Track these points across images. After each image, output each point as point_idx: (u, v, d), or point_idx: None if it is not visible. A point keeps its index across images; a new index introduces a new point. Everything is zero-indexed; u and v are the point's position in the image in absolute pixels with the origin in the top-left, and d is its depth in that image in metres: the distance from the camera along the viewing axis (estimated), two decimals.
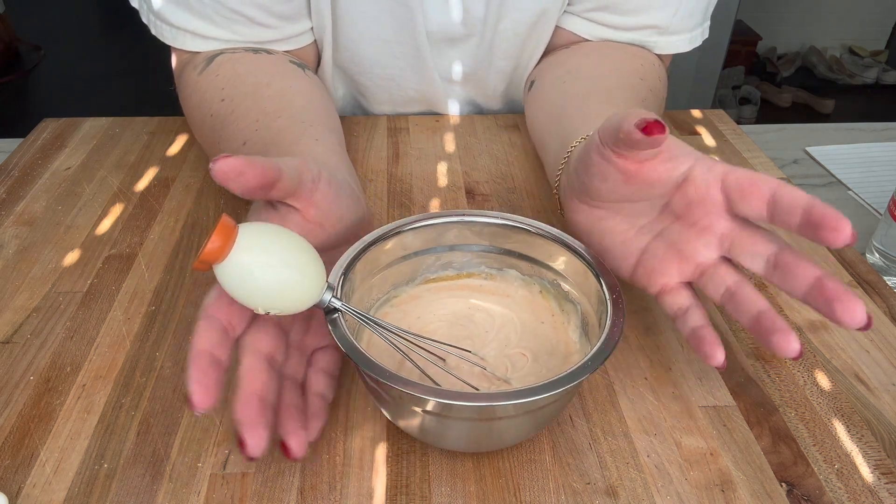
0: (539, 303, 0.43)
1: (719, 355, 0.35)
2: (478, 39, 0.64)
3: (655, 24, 0.61)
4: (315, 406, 0.37)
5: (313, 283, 0.33)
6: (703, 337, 0.36)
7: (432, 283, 0.44)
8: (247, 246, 0.31)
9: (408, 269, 0.43)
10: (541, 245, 0.41)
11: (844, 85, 2.64)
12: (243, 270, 0.31)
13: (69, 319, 0.46)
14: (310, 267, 0.33)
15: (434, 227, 0.42)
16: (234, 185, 0.33)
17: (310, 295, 0.34)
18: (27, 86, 2.58)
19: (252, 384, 0.33)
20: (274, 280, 0.32)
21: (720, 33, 1.73)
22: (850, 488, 0.36)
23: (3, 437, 0.38)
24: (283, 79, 0.56)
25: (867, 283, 0.50)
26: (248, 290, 0.32)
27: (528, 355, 0.40)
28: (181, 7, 0.56)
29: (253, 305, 0.33)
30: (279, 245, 0.33)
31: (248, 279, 0.32)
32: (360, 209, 0.42)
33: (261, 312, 0.33)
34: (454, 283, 0.44)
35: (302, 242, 0.34)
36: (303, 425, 0.34)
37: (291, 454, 0.33)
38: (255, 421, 0.32)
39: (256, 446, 0.31)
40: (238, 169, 0.32)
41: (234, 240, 0.31)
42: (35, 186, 0.60)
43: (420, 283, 0.44)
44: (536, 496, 0.36)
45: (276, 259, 0.32)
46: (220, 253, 0.31)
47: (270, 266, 0.32)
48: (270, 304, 0.33)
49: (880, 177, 0.65)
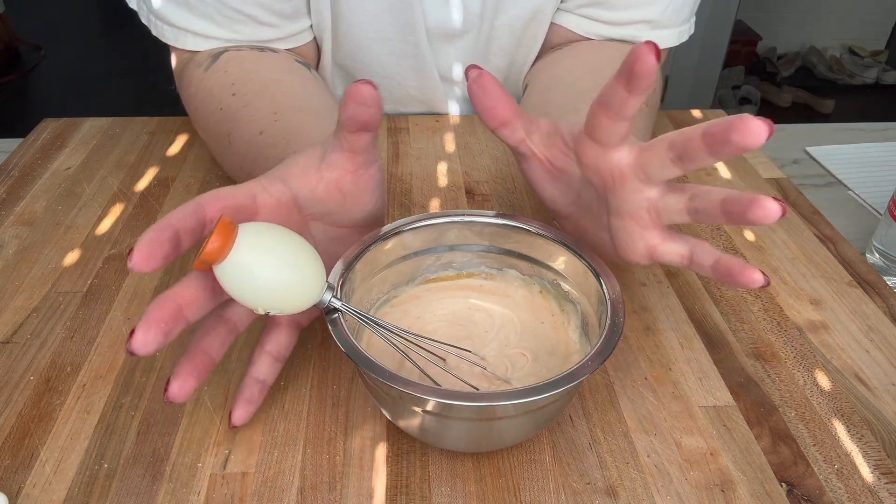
0: (539, 303, 0.43)
1: (756, 275, 0.32)
2: (475, 36, 0.64)
3: (647, 19, 0.62)
4: (250, 391, 0.37)
5: (313, 283, 0.33)
6: (729, 267, 0.33)
7: (432, 283, 0.44)
8: (247, 246, 0.31)
9: (407, 269, 0.43)
10: (541, 245, 0.41)
11: (844, 85, 2.64)
12: (243, 270, 0.31)
13: (69, 319, 0.46)
14: (310, 267, 0.33)
15: (434, 227, 0.42)
16: (358, 112, 0.34)
17: (310, 295, 0.34)
18: (27, 86, 2.58)
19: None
20: (274, 280, 0.32)
21: (720, 33, 1.73)
22: (850, 488, 0.36)
23: (3, 437, 0.38)
24: (293, 76, 0.56)
25: (867, 283, 0.50)
26: (249, 290, 0.32)
27: (528, 355, 0.40)
28: (182, 7, 0.56)
29: (253, 305, 0.33)
30: (279, 245, 0.33)
31: (248, 279, 0.32)
32: (381, 206, 0.42)
33: (261, 312, 0.33)
34: (454, 283, 0.44)
35: (302, 242, 0.34)
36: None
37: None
38: (162, 322, 0.31)
39: (143, 343, 0.30)
40: (374, 99, 0.34)
41: (233, 240, 0.31)
42: (35, 186, 0.60)
43: (420, 283, 0.44)
44: (536, 496, 0.36)
45: (276, 259, 0.32)
46: (219, 253, 0.31)
47: (270, 266, 0.32)
48: (271, 304, 0.33)
49: (880, 177, 0.65)
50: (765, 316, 0.47)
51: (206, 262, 0.31)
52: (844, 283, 0.50)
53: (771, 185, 0.61)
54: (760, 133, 0.28)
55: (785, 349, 0.45)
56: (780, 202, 0.30)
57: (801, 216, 0.57)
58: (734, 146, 0.29)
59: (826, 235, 0.55)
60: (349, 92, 0.33)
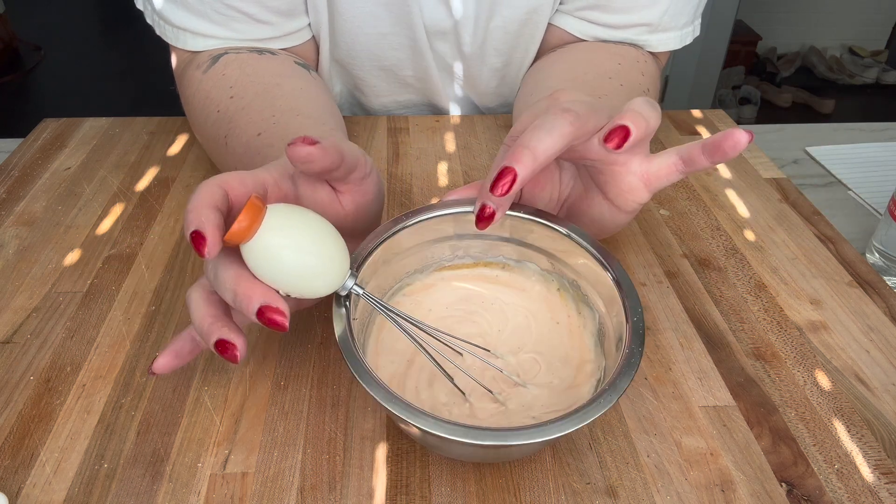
0: (556, 301, 0.42)
1: (740, 136, 0.35)
2: (470, 35, 0.64)
3: (646, 22, 0.61)
4: (181, 344, 0.38)
5: (338, 269, 0.34)
6: (714, 141, 0.36)
7: (447, 272, 0.43)
8: (275, 227, 0.32)
9: (422, 256, 0.42)
10: (565, 246, 0.40)
11: (844, 85, 2.64)
12: (269, 251, 0.32)
13: (69, 319, 0.46)
14: (335, 252, 0.33)
15: (453, 216, 0.40)
16: (304, 168, 0.34)
17: (333, 280, 0.34)
18: (27, 86, 2.58)
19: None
20: (299, 263, 0.32)
21: (720, 33, 1.74)
22: (850, 488, 0.36)
23: (3, 437, 0.38)
24: (292, 79, 0.56)
25: (867, 283, 0.50)
26: (273, 271, 0.32)
27: (540, 361, 0.39)
28: (180, 7, 0.56)
29: (276, 286, 0.33)
30: (307, 229, 0.33)
31: (274, 260, 0.32)
32: (381, 208, 0.43)
33: (282, 294, 0.33)
34: (470, 273, 0.43)
35: (329, 227, 0.34)
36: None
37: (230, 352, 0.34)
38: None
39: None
40: (314, 156, 0.33)
41: (261, 220, 0.31)
42: (35, 186, 0.60)
43: (434, 270, 0.42)
44: (536, 496, 0.36)
45: (302, 241, 0.32)
46: (247, 232, 0.31)
47: (297, 248, 0.32)
48: (293, 286, 0.33)
49: (880, 177, 0.65)
50: (765, 316, 0.47)
51: (231, 241, 0.31)
52: (844, 283, 0.50)
53: (771, 184, 0.62)
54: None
55: (785, 349, 0.45)
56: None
57: (801, 216, 0.57)
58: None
59: (826, 235, 0.55)
60: (289, 154, 0.33)
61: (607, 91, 0.55)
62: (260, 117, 0.50)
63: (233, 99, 0.53)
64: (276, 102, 0.52)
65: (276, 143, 0.47)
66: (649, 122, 0.37)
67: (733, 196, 0.60)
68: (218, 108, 0.54)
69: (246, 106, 0.52)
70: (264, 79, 0.55)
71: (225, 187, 0.33)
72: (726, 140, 0.36)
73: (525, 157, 0.35)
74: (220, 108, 0.54)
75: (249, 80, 0.54)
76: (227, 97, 0.54)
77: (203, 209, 0.31)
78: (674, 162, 0.39)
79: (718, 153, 0.36)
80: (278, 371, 0.42)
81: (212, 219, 0.31)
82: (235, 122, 0.52)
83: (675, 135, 0.69)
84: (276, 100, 0.52)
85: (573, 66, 0.61)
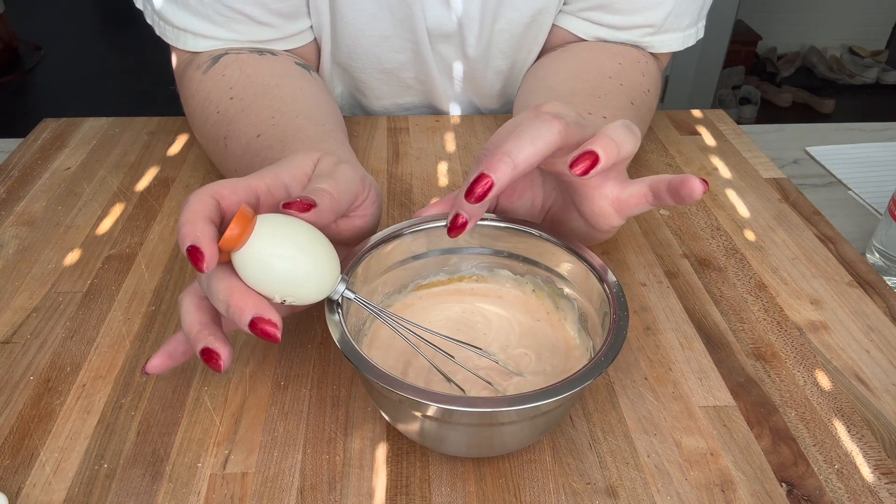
0: (532, 302, 0.43)
1: (695, 185, 0.35)
2: (475, 38, 0.64)
3: (650, 23, 0.61)
4: (175, 346, 0.38)
5: (328, 275, 0.34)
6: (672, 185, 0.36)
7: (424, 290, 0.43)
8: (265, 235, 0.32)
9: (401, 275, 0.42)
10: (535, 244, 0.41)
11: (844, 85, 2.64)
12: (260, 259, 0.32)
13: (69, 319, 0.46)
14: (325, 258, 0.34)
15: (427, 231, 0.41)
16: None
17: (325, 285, 0.34)
18: (27, 86, 2.58)
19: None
20: (290, 269, 0.33)
21: (720, 33, 1.74)
22: (850, 488, 0.36)
23: (3, 437, 0.38)
24: (292, 80, 0.56)
25: (867, 283, 0.50)
26: (265, 279, 0.33)
27: (530, 354, 0.40)
28: (181, 7, 0.56)
29: (268, 293, 0.33)
30: (296, 235, 0.33)
31: (265, 268, 0.32)
32: (377, 222, 0.43)
33: (277, 301, 0.34)
34: (446, 288, 0.44)
35: (318, 234, 0.34)
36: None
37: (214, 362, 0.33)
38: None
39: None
40: (319, 225, 0.35)
41: (251, 229, 0.32)
42: (35, 186, 0.60)
43: (412, 290, 0.43)
44: (536, 496, 0.36)
45: (292, 249, 0.33)
46: (237, 241, 0.31)
47: (287, 256, 0.32)
48: (286, 292, 0.33)
49: (880, 177, 0.65)
50: (765, 316, 0.47)
51: (223, 249, 0.32)
52: (844, 283, 0.50)
53: (771, 184, 0.61)
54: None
55: (785, 349, 0.45)
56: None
57: (801, 216, 0.57)
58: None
59: (826, 235, 0.55)
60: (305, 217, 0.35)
61: (607, 91, 0.55)
62: (259, 119, 0.50)
63: (232, 100, 0.53)
64: (275, 104, 0.52)
65: (276, 145, 0.47)
66: (622, 148, 0.35)
67: (733, 196, 0.60)
68: (217, 109, 0.54)
69: (245, 107, 0.52)
70: (264, 80, 0.55)
71: (217, 197, 0.33)
72: (683, 186, 0.36)
73: (503, 165, 0.34)
74: (220, 109, 0.54)
75: (249, 82, 0.54)
76: (226, 98, 0.54)
77: (197, 222, 0.31)
78: (644, 193, 0.38)
79: (677, 197, 0.36)
80: (278, 371, 0.42)
81: (207, 232, 0.31)
82: (235, 124, 0.52)
83: (675, 135, 0.69)
84: (276, 101, 0.52)
85: (574, 65, 0.61)
